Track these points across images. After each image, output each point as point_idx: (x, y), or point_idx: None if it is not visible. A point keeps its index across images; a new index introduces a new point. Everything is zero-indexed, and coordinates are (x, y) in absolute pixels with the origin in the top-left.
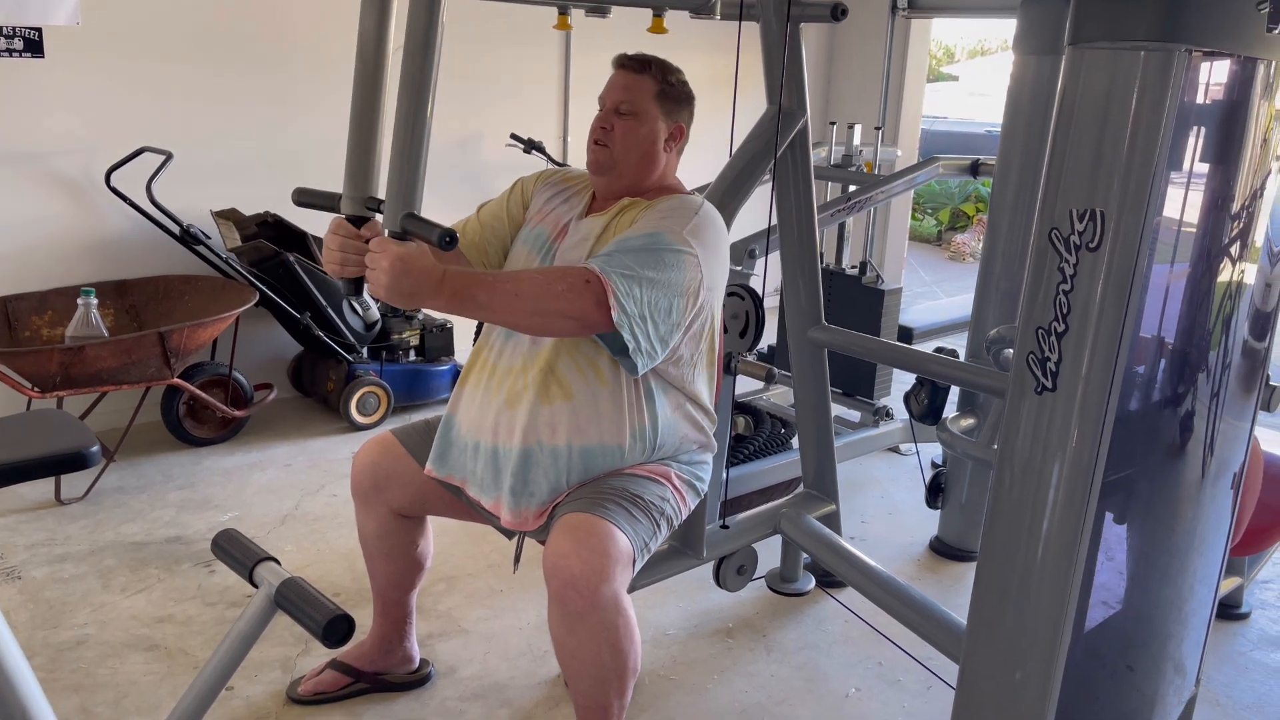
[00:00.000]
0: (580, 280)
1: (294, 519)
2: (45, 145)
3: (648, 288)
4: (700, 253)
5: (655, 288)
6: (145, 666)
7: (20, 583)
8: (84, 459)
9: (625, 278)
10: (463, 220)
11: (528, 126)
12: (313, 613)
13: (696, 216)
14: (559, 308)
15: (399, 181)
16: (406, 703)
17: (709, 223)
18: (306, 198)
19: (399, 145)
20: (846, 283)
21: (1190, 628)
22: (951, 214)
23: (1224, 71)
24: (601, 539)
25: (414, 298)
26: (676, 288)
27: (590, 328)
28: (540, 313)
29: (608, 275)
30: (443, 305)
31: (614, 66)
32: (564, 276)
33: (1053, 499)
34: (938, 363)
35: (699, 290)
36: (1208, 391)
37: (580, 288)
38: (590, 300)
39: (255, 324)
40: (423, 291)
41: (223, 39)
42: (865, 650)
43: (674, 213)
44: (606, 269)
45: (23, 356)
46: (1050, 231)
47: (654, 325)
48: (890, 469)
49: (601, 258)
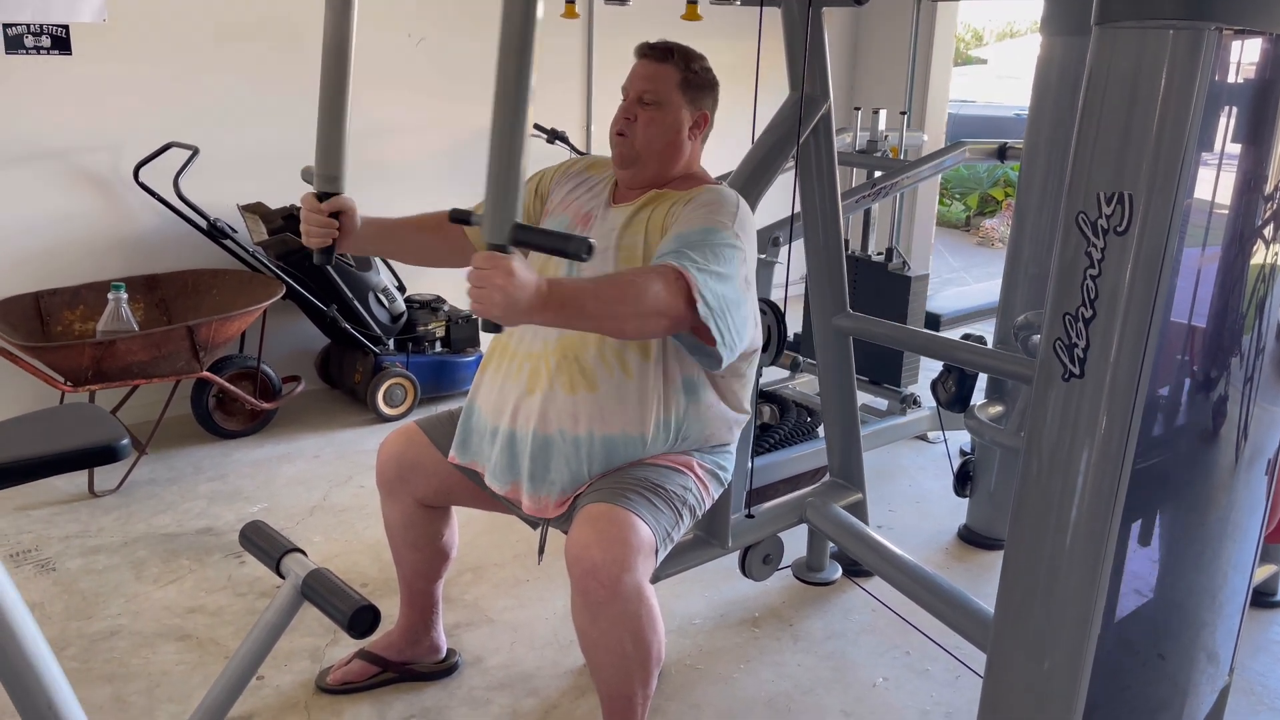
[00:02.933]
0: (671, 278)
1: (322, 510)
2: (74, 142)
3: (719, 282)
4: (746, 246)
5: (724, 282)
6: (177, 656)
7: (55, 574)
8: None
9: (701, 272)
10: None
11: (551, 116)
12: (338, 603)
13: (739, 210)
14: (658, 307)
15: (500, 191)
16: (434, 692)
17: (748, 214)
18: (310, 176)
19: (497, 153)
20: (872, 269)
21: (1223, 616)
22: (980, 199)
23: (1255, 50)
24: (623, 528)
25: (528, 314)
26: (739, 280)
27: (681, 325)
28: (641, 315)
29: (689, 270)
30: (549, 318)
31: (636, 56)
32: (658, 275)
33: (1081, 486)
34: (965, 350)
35: (746, 282)
36: (1241, 376)
37: (673, 285)
38: (682, 297)
39: (282, 317)
40: (535, 306)
41: (247, 33)
42: (893, 639)
43: (717, 206)
44: (686, 264)
45: (55, 351)
46: (1077, 215)
47: (730, 318)
48: (918, 457)
49: (671, 254)
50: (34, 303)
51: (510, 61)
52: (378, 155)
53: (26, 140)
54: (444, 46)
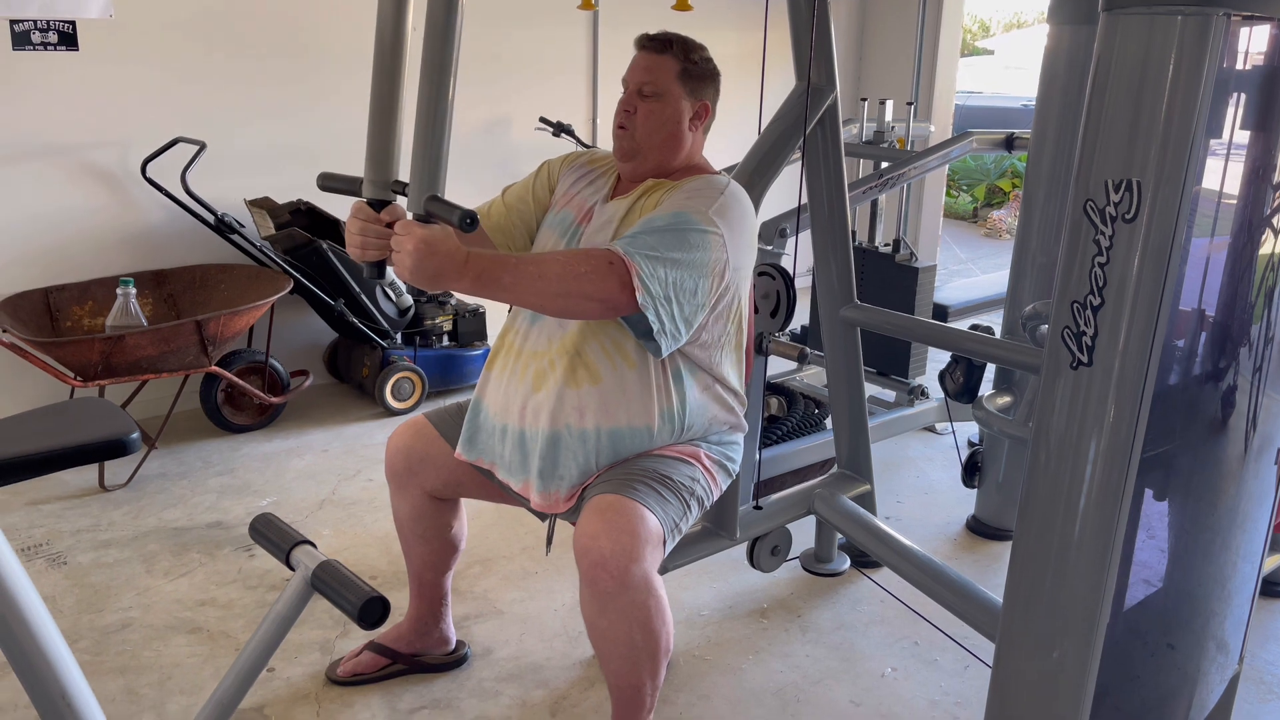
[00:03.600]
0: (604, 262)
1: (331, 503)
2: (81, 138)
3: (672, 268)
4: (726, 232)
5: (680, 268)
6: (188, 648)
7: (66, 568)
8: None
9: (649, 259)
10: (487, 203)
11: (556, 109)
12: (348, 595)
13: (722, 196)
14: (583, 289)
15: (422, 164)
16: (443, 684)
17: (735, 202)
18: (330, 182)
19: (421, 128)
20: (880, 261)
21: (1233, 605)
22: (987, 190)
23: (1264, 36)
24: (631, 519)
25: (438, 279)
26: (702, 268)
27: (615, 310)
28: (564, 294)
29: (631, 256)
30: (467, 287)
31: (636, 47)
32: (588, 258)
33: (1090, 476)
34: (973, 340)
35: (724, 270)
36: (1250, 365)
37: (604, 269)
38: (615, 282)
39: (290, 311)
40: (447, 273)
41: (254, 28)
42: (901, 630)
43: (699, 193)
44: (630, 250)
45: (65, 346)
46: (1085, 203)
47: (678, 306)
48: (926, 448)
49: (626, 239)
50: (43, 298)
51: (434, 43)
52: None
53: (34, 136)
54: None
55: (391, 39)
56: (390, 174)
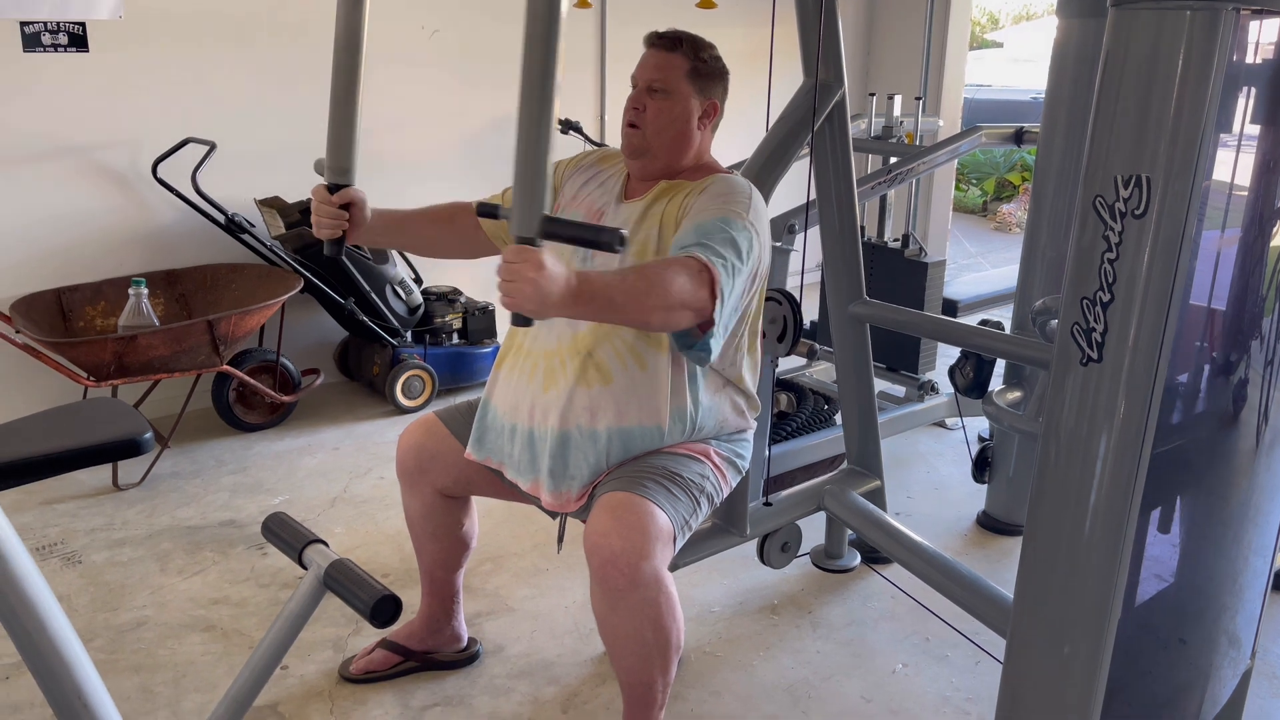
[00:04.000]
0: (695, 270)
1: (343, 501)
2: (93, 139)
3: (736, 276)
4: (761, 235)
5: (739, 276)
6: (203, 647)
7: (81, 567)
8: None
9: (722, 265)
10: (494, 196)
11: (564, 106)
12: (360, 593)
13: (752, 198)
14: (683, 300)
15: (529, 183)
16: (455, 681)
17: (761, 203)
18: (323, 167)
19: (524, 145)
20: (889, 256)
21: (1245, 600)
22: (997, 184)
23: (1274, 29)
24: (641, 516)
25: (559, 307)
26: (745, 273)
27: (702, 318)
28: (668, 307)
29: (713, 263)
30: (579, 311)
31: (645, 45)
32: (683, 267)
33: (1100, 471)
34: (982, 335)
35: (757, 274)
36: (1261, 360)
37: (697, 279)
38: (706, 291)
39: (301, 310)
40: (566, 300)
41: (263, 27)
42: (912, 626)
43: (731, 196)
44: (711, 257)
45: (78, 346)
46: (1095, 199)
47: (727, 311)
48: (936, 444)
49: (696, 246)
50: (56, 299)
51: (535, 53)
52: (388, 146)
53: (45, 138)
54: (457, 37)
55: (348, 32)
56: (347, 160)
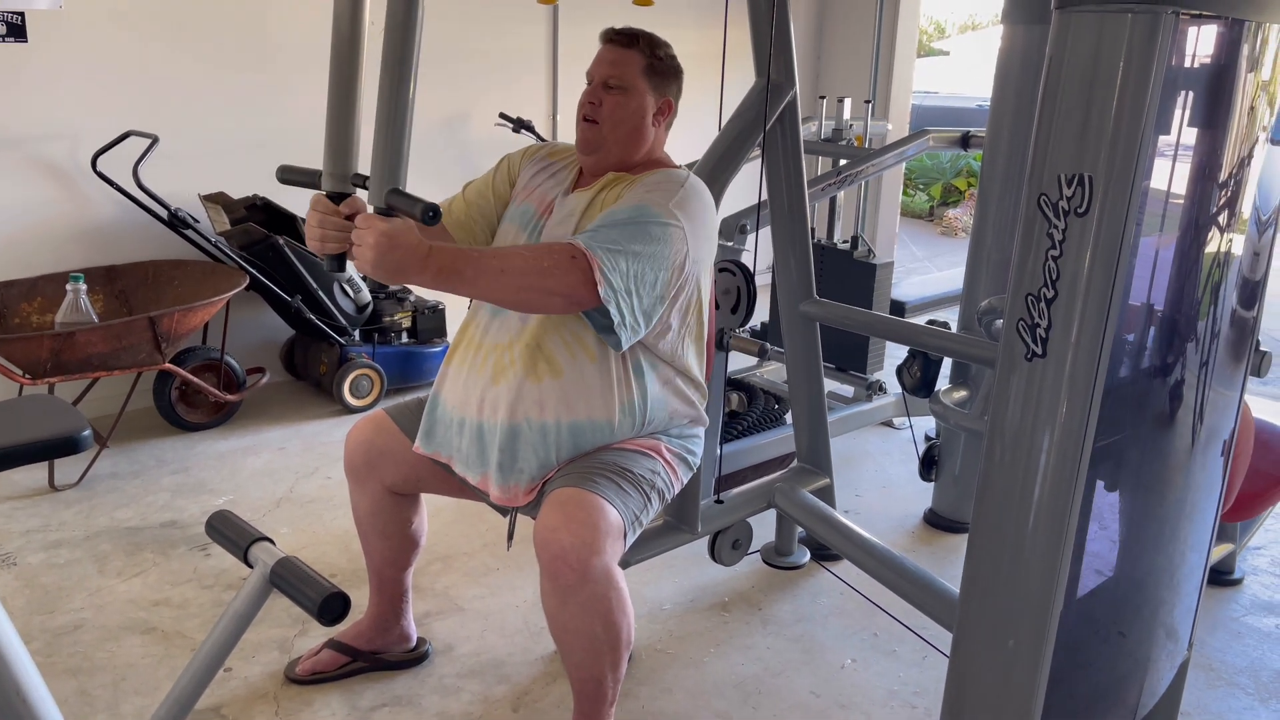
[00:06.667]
0: (566, 256)
1: (288, 502)
2: (30, 130)
3: (633, 261)
4: (686, 225)
5: (640, 261)
6: (143, 649)
7: (16, 569)
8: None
9: (610, 252)
10: (449, 199)
11: (516, 105)
12: (308, 591)
13: (682, 189)
14: (546, 284)
15: (383, 157)
16: (404, 681)
17: (695, 195)
18: (290, 175)
19: (382, 121)
20: (838, 257)
21: (1182, 594)
22: (943, 189)
23: (1212, 34)
24: (591, 512)
25: (400, 273)
26: (662, 261)
27: (577, 304)
28: (527, 289)
29: (593, 250)
30: (429, 281)
31: (601, 41)
32: (550, 252)
33: (1043, 466)
34: (930, 335)
35: (684, 263)
36: (1197, 359)
37: (566, 264)
38: (577, 276)
39: (246, 308)
40: (409, 267)
41: (207, 20)
42: (860, 622)
43: (659, 186)
44: (591, 244)
45: (13, 343)
46: (1039, 197)
47: (638, 299)
48: (884, 443)
49: (587, 233)
50: None
51: (396, 36)
52: None
53: None
54: None
55: (349, 30)
56: (349, 166)
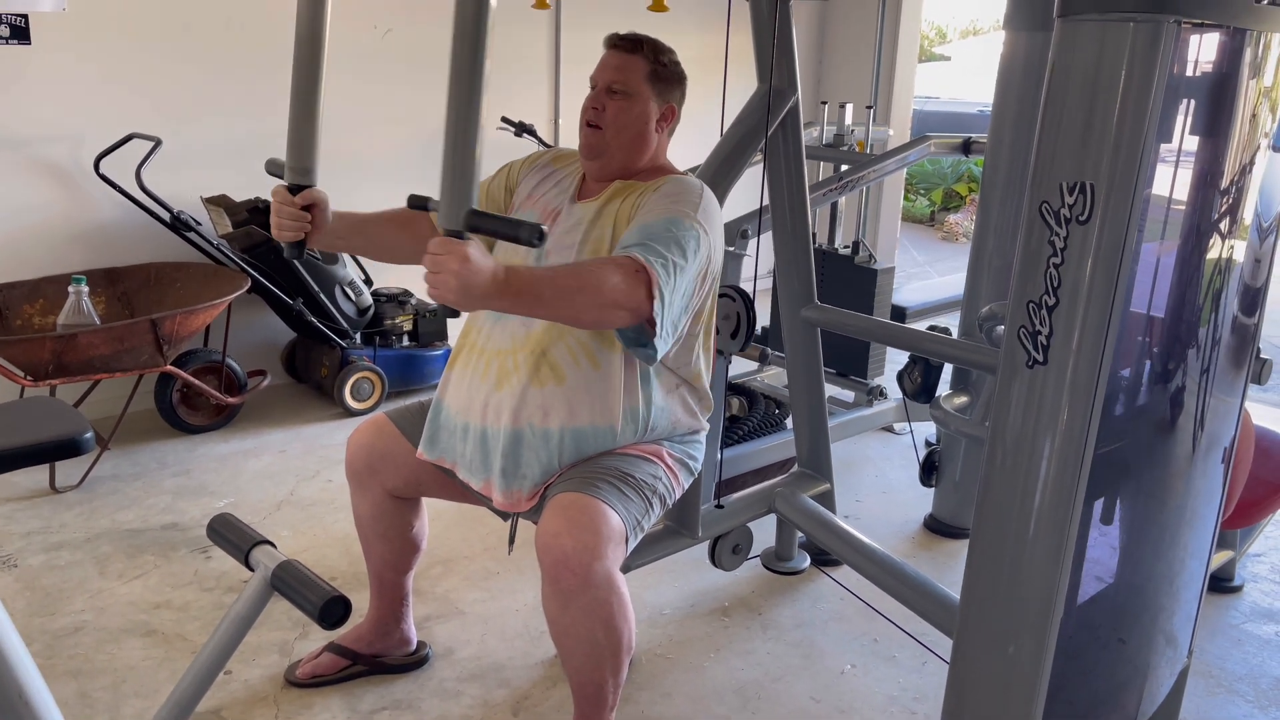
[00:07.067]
0: (631, 270)
1: (289, 505)
2: (34, 133)
3: (679, 275)
4: (711, 235)
5: (682, 274)
6: (143, 652)
7: (17, 570)
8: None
9: (663, 265)
10: None
11: (518, 109)
12: (309, 595)
13: (702, 198)
14: (617, 299)
15: (456, 177)
16: (404, 684)
17: (712, 204)
18: (273, 168)
19: (452, 139)
20: (839, 263)
21: (1182, 600)
22: (944, 194)
23: (1213, 43)
24: (593, 517)
25: (483, 300)
26: (693, 272)
27: (639, 317)
28: (600, 305)
29: (651, 263)
30: (506, 305)
31: (605, 46)
32: (618, 267)
33: (1044, 473)
34: (931, 340)
35: (707, 273)
36: (1198, 367)
37: (633, 278)
38: (643, 290)
39: (248, 310)
40: (490, 292)
41: (211, 22)
42: (860, 627)
43: (681, 196)
44: (649, 257)
45: (15, 345)
46: (1041, 205)
47: (673, 311)
48: (884, 448)
49: (636, 245)
50: None
51: (465, 47)
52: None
53: None
54: (410, 37)
55: (309, 32)
56: (309, 160)
